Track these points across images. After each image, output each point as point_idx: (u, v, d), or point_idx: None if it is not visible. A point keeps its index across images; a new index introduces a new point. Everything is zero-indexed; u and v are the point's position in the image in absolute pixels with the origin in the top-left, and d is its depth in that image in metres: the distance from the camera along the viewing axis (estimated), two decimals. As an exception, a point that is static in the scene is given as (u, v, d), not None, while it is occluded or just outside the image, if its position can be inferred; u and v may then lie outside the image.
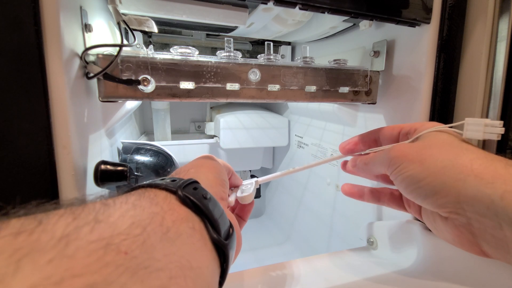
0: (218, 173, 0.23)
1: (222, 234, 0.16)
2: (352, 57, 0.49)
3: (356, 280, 0.32)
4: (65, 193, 0.25)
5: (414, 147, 0.25)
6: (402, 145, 0.26)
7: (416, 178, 0.24)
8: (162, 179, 0.18)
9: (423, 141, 0.26)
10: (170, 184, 0.16)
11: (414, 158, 0.24)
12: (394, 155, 0.25)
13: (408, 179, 0.24)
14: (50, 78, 0.23)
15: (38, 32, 0.23)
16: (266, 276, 0.32)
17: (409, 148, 0.25)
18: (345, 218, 0.53)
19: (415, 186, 0.24)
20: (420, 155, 0.24)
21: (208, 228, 0.16)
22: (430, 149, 0.24)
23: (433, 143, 0.25)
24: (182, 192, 0.16)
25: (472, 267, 0.30)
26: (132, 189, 0.17)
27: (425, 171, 0.23)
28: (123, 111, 0.45)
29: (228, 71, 0.32)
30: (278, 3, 0.28)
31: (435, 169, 0.23)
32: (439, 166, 0.22)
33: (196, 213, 0.16)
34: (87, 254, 0.10)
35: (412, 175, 0.24)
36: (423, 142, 0.26)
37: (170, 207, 0.15)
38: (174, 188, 0.16)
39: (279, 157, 0.83)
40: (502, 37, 0.33)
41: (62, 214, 0.11)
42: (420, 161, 0.24)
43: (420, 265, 0.34)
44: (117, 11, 0.31)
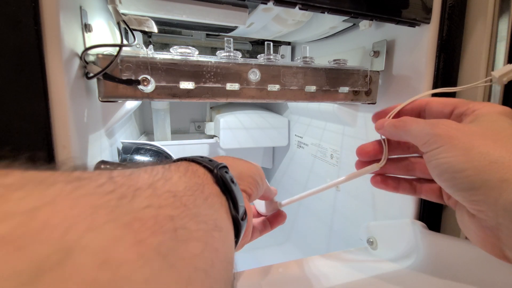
0: (251, 172, 0.25)
1: (239, 214, 0.20)
2: (352, 57, 0.49)
3: (356, 280, 0.32)
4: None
5: (465, 130, 0.22)
6: (452, 124, 0.23)
7: (455, 168, 0.21)
8: (201, 157, 0.21)
9: (478, 126, 0.22)
10: (208, 164, 0.20)
11: (461, 144, 0.21)
12: (439, 132, 0.22)
13: (444, 165, 0.21)
14: (50, 78, 0.23)
15: (38, 32, 0.23)
16: (266, 276, 0.32)
17: (458, 131, 0.22)
18: (345, 218, 0.53)
19: (450, 176, 0.21)
20: (469, 142, 0.21)
21: (230, 206, 0.19)
22: (483, 138, 0.21)
23: (489, 131, 0.21)
24: (218, 172, 0.19)
25: (472, 267, 0.30)
26: (178, 160, 0.21)
27: (468, 162, 0.20)
28: (123, 111, 0.45)
29: (228, 71, 0.32)
30: (278, 3, 0.28)
31: (481, 163, 0.20)
32: (486, 161, 0.20)
33: (224, 192, 0.19)
34: (165, 198, 0.14)
35: (451, 163, 0.21)
36: (478, 128, 0.22)
37: (207, 181, 0.18)
38: (212, 167, 0.20)
39: (279, 157, 0.83)
40: (502, 37, 0.33)
41: (143, 171, 0.15)
42: (466, 149, 0.21)
43: (420, 265, 0.34)
44: (117, 11, 0.31)
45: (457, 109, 0.25)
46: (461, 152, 0.21)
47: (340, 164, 0.54)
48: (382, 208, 0.44)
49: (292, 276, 0.32)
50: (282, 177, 0.81)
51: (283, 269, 0.34)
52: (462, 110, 0.24)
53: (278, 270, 0.33)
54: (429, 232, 0.34)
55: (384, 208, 0.43)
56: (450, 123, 0.23)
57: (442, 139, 0.22)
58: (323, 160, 0.60)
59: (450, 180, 0.21)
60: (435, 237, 0.33)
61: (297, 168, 0.72)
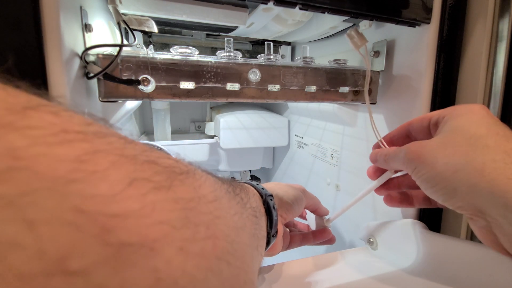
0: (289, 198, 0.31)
1: (272, 231, 0.25)
2: (352, 57, 0.49)
3: (356, 280, 0.32)
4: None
5: (429, 145, 0.24)
6: (416, 145, 0.25)
7: (431, 183, 0.23)
8: (257, 184, 0.28)
9: (442, 136, 0.24)
10: (261, 191, 0.27)
11: (427, 161, 0.23)
12: (408, 156, 0.24)
13: (424, 182, 0.23)
14: (50, 78, 0.23)
15: (38, 32, 0.23)
16: (267, 276, 0.32)
17: (423, 148, 0.24)
18: (345, 218, 0.53)
19: (431, 190, 0.23)
20: (433, 156, 0.23)
21: (267, 225, 0.25)
22: (444, 148, 0.22)
23: (450, 139, 0.23)
24: (266, 198, 0.26)
25: (473, 268, 0.30)
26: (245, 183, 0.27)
27: (438, 175, 0.22)
28: (123, 111, 0.45)
29: (228, 71, 0.32)
30: (278, 3, 0.28)
31: (447, 173, 0.21)
32: (451, 170, 0.21)
33: (266, 214, 0.25)
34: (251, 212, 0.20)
35: (426, 179, 0.23)
36: (441, 138, 0.24)
37: (260, 205, 0.25)
38: (263, 195, 0.26)
39: (279, 157, 0.83)
40: (502, 37, 0.33)
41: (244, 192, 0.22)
42: (432, 164, 0.22)
43: (420, 265, 0.34)
44: (117, 11, 0.31)
45: (432, 120, 0.27)
46: (430, 167, 0.23)
47: (340, 164, 0.54)
48: (382, 208, 0.44)
49: (292, 276, 0.32)
50: (282, 177, 0.81)
51: (283, 269, 0.34)
52: (435, 119, 0.26)
53: (278, 270, 0.33)
54: (429, 233, 0.34)
55: (384, 208, 0.43)
56: (416, 143, 0.25)
57: (413, 161, 0.24)
58: (323, 160, 0.60)
59: (434, 194, 0.23)
60: (435, 237, 0.33)
61: (297, 168, 0.72)
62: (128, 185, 0.09)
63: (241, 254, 0.14)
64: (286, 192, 0.31)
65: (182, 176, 0.12)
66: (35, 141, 0.07)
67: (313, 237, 0.38)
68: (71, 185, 0.07)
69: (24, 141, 0.07)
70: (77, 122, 0.09)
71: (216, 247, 0.12)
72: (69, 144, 0.08)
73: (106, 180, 0.08)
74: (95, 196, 0.08)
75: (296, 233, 0.37)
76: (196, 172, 0.14)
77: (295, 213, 0.32)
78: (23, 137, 0.07)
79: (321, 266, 0.35)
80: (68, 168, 0.07)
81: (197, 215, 0.11)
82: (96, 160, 0.08)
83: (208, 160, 0.70)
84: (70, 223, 0.07)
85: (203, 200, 0.12)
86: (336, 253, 0.38)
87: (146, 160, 0.10)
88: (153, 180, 0.10)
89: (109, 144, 0.09)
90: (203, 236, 0.11)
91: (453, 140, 0.22)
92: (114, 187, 0.08)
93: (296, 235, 0.37)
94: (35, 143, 0.07)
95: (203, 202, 0.12)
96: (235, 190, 0.19)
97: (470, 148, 0.21)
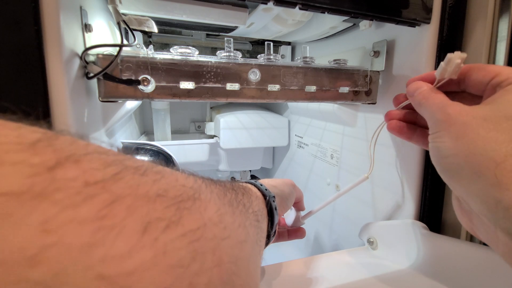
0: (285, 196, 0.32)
1: (272, 231, 0.26)
2: (352, 57, 0.49)
3: (356, 280, 0.32)
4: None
5: (468, 115, 0.21)
6: (457, 108, 0.22)
7: (441, 153, 0.21)
8: (261, 184, 0.28)
9: (488, 109, 0.20)
10: (265, 192, 0.27)
11: (454, 132, 0.20)
12: (440, 118, 0.22)
13: (435, 149, 0.22)
14: (50, 78, 0.23)
15: (38, 32, 0.23)
16: (266, 276, 0.32)
17: (460, 116, 0.21)
18: (345, 218, 0.53)
19: (436, 159, 0.22)
20: (463, 130, 0.20)
21: (269, 225, 0.26)
22: (481, 125, 0.20)
23: (495, 116, 0.20)
24: (270, 200, 0.26)
25: (472, 267, 0.30)
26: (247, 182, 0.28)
27: (453, 149, 0.20)
28: (123, 111, 0.45)
29: (228, 71, 0.32)
30: (278, 3, 0.28)
31: (463, 152, 0.20)
32: (469, 151, 0.19)
33: (268, 214, 0.26)
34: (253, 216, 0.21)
35: (439, 148, 0.21)
36: (486, 111, 0.20)
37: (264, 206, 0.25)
38: (267, 196, 0.27)
39: (279, 157, 0.83)
40: (502, 37, 0.33)
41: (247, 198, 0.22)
42: (458, 137, 0.20)
43: (420, 265, 0.34)
44: (117, 11, 0.31)
45: (496, 78, 0.22)
46: (451, 139, 0.21)
47: (340, 164, 0.54)
48: (382, 208, 0.44)
49: (292, 276, 0.32)
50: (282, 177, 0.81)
51: (282, 269, 0.34)
52: (500, 79, 0.21)
53: (277, 270, 0.33)
54: (429, 233, 0.34)
55: (384, 208, 0.43)
56: (457, 107, 0.22)
57: (441, 124, 0.22)
58: (323, 160, 0.60)
59: (436, 164, 0.22)
60: (435, 238, 0.33)
61: (297, 168, 0.72)
62: (142, 234, 0.10)
63: (245, 269, 0.16)
64: (282, 190, 0.32)
65: (189, 203, 0.13)
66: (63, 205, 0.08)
67: (288, 236, 0.40)
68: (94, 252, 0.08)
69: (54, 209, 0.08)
70: (97, 167, 0.10)
71: (222, 272, 0.13)
72: (91, 200, 0.09)
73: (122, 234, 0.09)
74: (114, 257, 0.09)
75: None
76: (201, 192, 0.15)
77: (287, 209, 0.34)
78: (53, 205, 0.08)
79: (321, 266, 0.35)
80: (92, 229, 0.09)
81: (203, 243, 0.13)
82: (114, 212, 0.10)
83: (208, 160, 0.70)
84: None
85: (208, 225, 0.14)
86: (336, 253, 0.38)
87: (157, 194, 0.12)
88: (164, 217, 0.11)
89: (125, 187, 0.11)
90: (209, 266, 0.12)
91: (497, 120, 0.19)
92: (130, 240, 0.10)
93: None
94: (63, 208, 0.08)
95: (209, 227, 0.13)
96: (237, 197, 0.20)
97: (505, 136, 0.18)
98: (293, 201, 0.35)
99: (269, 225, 0.26)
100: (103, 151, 0.11)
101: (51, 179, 0.09)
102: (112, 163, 0.11)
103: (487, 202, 0.19)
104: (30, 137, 0.09)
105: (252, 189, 0.26)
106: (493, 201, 0.18)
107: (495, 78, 0.22)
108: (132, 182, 0.11)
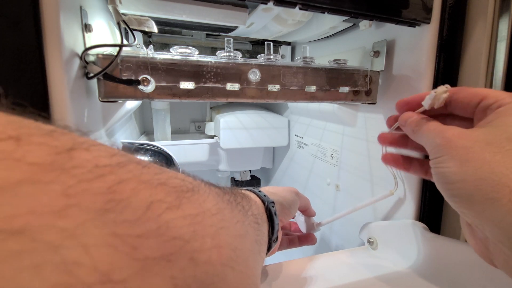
0: (287, 203, 0.32)
1: (273, 237, 0.26)
2: (352, 57, 0.49)
3: (356, 280, 0.32)
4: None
5: (468, 139, 0.20)
6: (456, 132, 0.21)
7: (448, 179, 0.21)
8: (260, 191, 0.28)
9: (487, 132, 0.20)
10: (263, 198, 0.27)
11: (458, 156, 0.20)
12: (440, 142, 0.22)
13: (440, 175, 0.21)
14: (50, 78, 0.23)
15: (38, 32, 0.23)
16: (266, 276, 0.32)
17: (460, 140, 0.21)
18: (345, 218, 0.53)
19: (443, 186, 0.21)
20: (466, 154, 0.20)
21: (269, 231, 0.26)
22: (483, 149, 0.19)
23: (496, 140, 0.19)
24: (268, 205, 0.26)
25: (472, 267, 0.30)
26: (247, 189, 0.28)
27: (459, 175, 0.20)
28: (123, 111, 0.45)
29: (228, 71, 0.32)
30: (278, 3, 0.28)
31: (472, 177, 0.19)
32: (477, 176, 0.19)
33: (268, 220, 0.26)
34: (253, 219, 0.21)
35: (445, 173, 0.21)
36: (485, 134, 0.20)
37: (263, 211, 0.26)
38: (265, 202, 0.27)
39: (279, 157, 0.83)
40: (502, 37, 0.33)
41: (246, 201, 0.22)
42: (462, 162, 0.20)
43: (420, 265, 0.34)
44: (117, 11, 0.31)
45: (484, 101, 0.22)
46: (457, 164, 0.20)
47: (340, 164, 0.54)
48: (382, 208, 0.44)
49: (292, 276, 0.32)
50: (282, 177, 0.81)
51: (282, 268, 0.34)
52: (489, 102, 0.22)
53: (278, 270, 0.33)
54: (429, 234, 0.34)
55: (384, 208, 0.43)
56: (455, 131, 0.22)
57: (443, 149, 0.21)
58: (323, 160, 0.60)
59: (443, 190, 0.22)
60: (435, 238, 0.33)
61: (297, 168, 0.72)
62: (146, 209, 0.11)
63: (244, 260, 0.16)
64: (284, 197, 0.32)
65: (189, 194, 0.14)
66: (80, 179, 0.10)
67: (299, 242, 0.40)
68: (107, 215, 0.10)
69: (73, 180, 0.10)
70: (104, 155, 0.11)
71: (221, 255, 0.14)
72: (101, 177, 0.11)
73: (130, 207, 0.11)
74: (124, 221, 0.10)
75: (283, 237, 0.39)
76: (200, 188, 0.15)
77: (291, 216, 0.34)
78: (72, 177, 0.10)
79: (321, 266, 0.35)
80: (104, 200, 0.10)
81: (203, 228, 0.13)
82: (121, 189, 0.11)
83: (208, 160, 0.70)
84: (110, 245, 0.09)
85: (207, 214, 0.14)
86: (336, 253, 0.38)
87: (158, 183, 0.13)
88: (166, 201, 0.12)
89: (129, 172, 0.12)
90: (209, 246, 0.13)
91: (499, 142, 0.19)
92: (136, 212, 0.11)
93: (283, 239, 0.39)
94: (79, 180, 0.10)
95: (208, 216, 0.14)
96: (236, 199, 0.20)
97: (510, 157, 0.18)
98: (297, 208, 0.35)
99: (270, 230, 0.26)
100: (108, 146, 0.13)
101: (69, 157, 0.10)
102: (117, 153, 0.12)
103: (505, 229, 0.18)
104: (46, 128, 0.11)
105: (250, 195, 0.26)
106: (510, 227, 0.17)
107: (483, 101, 0.22)
108: (136, 171, 0.12)
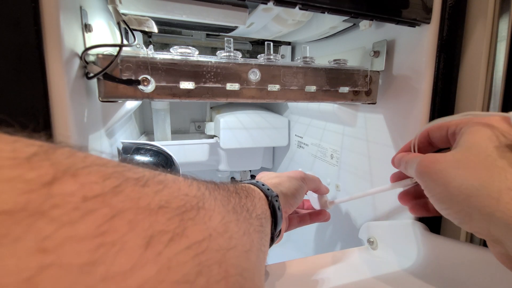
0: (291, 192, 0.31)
1: (276, 232, 0.26)
2: (352, 57, 0.49)
3: (356, 280, 0.32)
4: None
5: (443, 162, 0.22)
6: (429, 159, 0.23)
7: (443, 205, 0.21)
8: (263, 184, 0.27)
9: (457, 152, 0.22)
10: (267, 192, 0.26)
11: (439, 179, 0.21)
12: (420, 170, 0.23)
13: (436, 202, 0.22)
14: (50, 78, 0.23)
15: (38, 32, 0.23)
16: (266, 276, 0.32)
17: (436, 164, 0.22)
18: (345, 218, 0.53)
19: (446, 212, 0.22)
20: (446, 175, 0.21)
21: (272, 226, 0.25)
22: (458, 167, 0.21)
23: (465, 157, 0.21)
24: (272, 200, 0.26)
25: (473, 267, 0.30)
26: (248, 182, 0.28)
27: (450, 198, 0.21)
28: (123, 111, 0.45)
29: (228, 71, 0.32)
30: (278, 3, 0.28)
31: (460, 197, 0.20)
32: (464, 194, 0.20)
33: (272, 215, 0.25)
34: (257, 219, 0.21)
35: (438, 200, 0.22)
36: (455, 155, 0.22)
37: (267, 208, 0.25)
38: (269, 196, 0.26)
39: (279, 157, 0.83)
40: (502, 37, 0.33)
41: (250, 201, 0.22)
42: (444, 184, 0.21)
43: (420, 265, 0.34)
44: (117, 11, 0.31)
45: (450, 129, 0.25)
46: (442, 187, 0.21)
47: (340, 164, 0.54)
48: (382, 208, 0.44)
49: (292, 276, 0.32)
50: (282, 177, 0.81)
51: (283, 269, 0.34)
52: (452, 129, 0.25)
53: (278, 270, 0.33)
54: (430, 234, 0.34)
55: (384, 208, 0.43)
56: (429, 156, 0.24)
57: (424, 176, 0.23)
58: (323, 160, 0.60)
59: (448, 216, 0.22)
60: (435, 239, 0.33)
61: (297, 168, 0.71)
62: (145, 248, 0.10)
63: (251, 280, 0.15)
64: (288, 188, 0.31)
65: (193, 213, 0.13)
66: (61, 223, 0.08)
67: (310, 219, 0.38)
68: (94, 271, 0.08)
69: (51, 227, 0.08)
70: (95, 180, 0.10)
71: (229, 285, 0.13)
72: (90, 215, 0.09)
73: (125, 250, 0.09)
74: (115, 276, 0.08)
75: (293, 216, 0.38)
76: (205, 201, 0.14)
77: (296, 205, 0.32)
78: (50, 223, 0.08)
79: (321, 266, 0.35)
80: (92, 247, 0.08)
81: (209, 256, 0.12)
82: (115, 226, 0.09)
83: (208, 160, 0.70)
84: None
85: (213, 235, 0.13)
86: (336, 252, 0.38)
87: (159, 206, 0.11)
88: (168, 230, 0.11)
89: (126, 200, 0.10)
90: (216, 279, 0.12)
91: (468, 160, 0.21)
92: (132, 256, 0.09)
93: (294, 218, 0.38)
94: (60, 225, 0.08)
95: (214, 238, 0.13)
96: (241, 201, 0.20)
97: (486, 172, 0.19)
98: (303, 195, 0.34)
99: (273, 226, 0.25)
100: (102, 162, 0.11)
101: (47, 195, 0.08)
102: (111, 175, 0.11)
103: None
104: (26, 151, 0.09)
105: (255, 189, 0.26)
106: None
107: (449, 130, 0.25)
108: (133, 194, 0.11)
